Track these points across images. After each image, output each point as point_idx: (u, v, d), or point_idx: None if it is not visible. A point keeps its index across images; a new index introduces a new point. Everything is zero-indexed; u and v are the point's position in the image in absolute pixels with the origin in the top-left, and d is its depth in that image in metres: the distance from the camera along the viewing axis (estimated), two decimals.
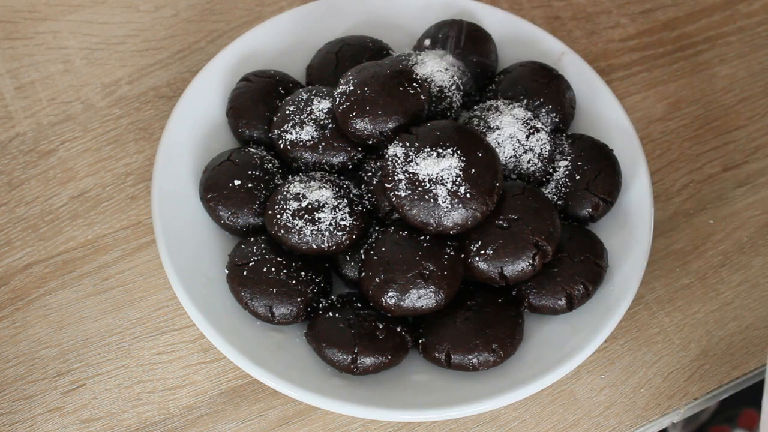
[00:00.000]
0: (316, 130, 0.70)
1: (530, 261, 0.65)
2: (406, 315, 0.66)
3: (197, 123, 0.75)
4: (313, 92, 0.72)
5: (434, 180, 0.64)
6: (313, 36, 0.80)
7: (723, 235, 0.77)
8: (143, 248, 0.74)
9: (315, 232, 0.66)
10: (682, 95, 0.85)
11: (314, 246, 0.66)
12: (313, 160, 0.70)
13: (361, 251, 0.68)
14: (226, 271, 0.68)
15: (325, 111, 0.71)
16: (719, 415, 1.05)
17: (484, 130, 0.71)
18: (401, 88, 0.68)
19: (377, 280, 0.65)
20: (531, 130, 0.70)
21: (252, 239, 0.68)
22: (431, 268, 0.64)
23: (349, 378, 0.65)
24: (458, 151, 0.65)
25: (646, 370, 0.70)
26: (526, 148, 0.70)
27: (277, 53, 0.79)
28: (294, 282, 0.66)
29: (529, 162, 0.70)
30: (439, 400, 0.64)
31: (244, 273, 0.66)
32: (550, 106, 0.74)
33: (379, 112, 0.67)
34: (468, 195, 0.64)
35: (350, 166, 0.71)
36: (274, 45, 0.79)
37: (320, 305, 0.67)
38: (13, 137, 0.79)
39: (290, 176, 0.71)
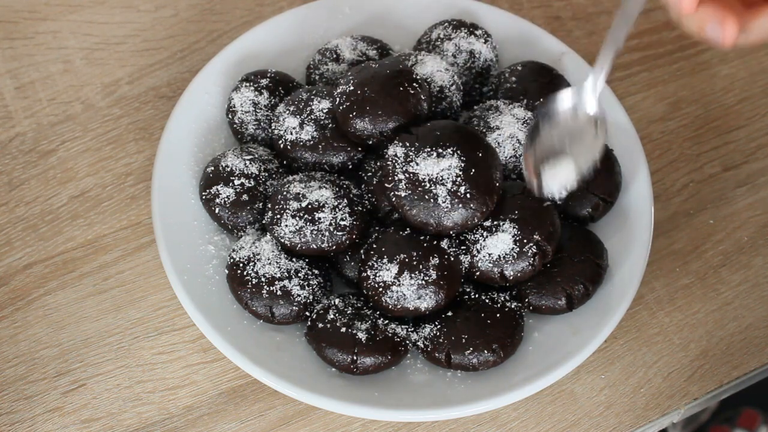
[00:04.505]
0: (316, 130, 0.70)
1: (530, 261, 0.65)
2: (406, 315, 0.66)
3: (197, 123, 0.75)
4: (313, 92, 0.72)
5: (434, 180, 0.64)
6: (313, 36, 0.80)
7: (723, 235, 0.77)
8: (143, 248, 0.74)
9: (315, 232, 0.66)
10: (682, 95, 0.85)
11: (314, 246, 0.66)
12: (313, 160, 0.70)
13: (361, 251, 0.68)
14: (226, 271, 0.68)
15: (325, 111, 0.71)
16: (719, 415, 1.05)
17: (484, 130, 0.71)
18: (401, 88, 0.68)
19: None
20: None
21: (252, 239, 0.68)
22: (431, 268, 0.64)
23: (349, 378, 0.65)
24: (458, 151, 0.65)
25: (646, 370, 0.70)
26: None
27: (277, 53, 0.79)
28: (294, 282, 0.66)
29: None
30: (439, 400, 0.64)
31: (244, 273, 0.66)
32: None
33: (379, 112, 0.67)
34: (468, 195, 0.64)
35: (350, 166, 0.71)
36: (274, 45, 0.79)
37: (320, 305, 0.67)
38: (13, 137, 0.79)
39: (290, 176, 0.71)
